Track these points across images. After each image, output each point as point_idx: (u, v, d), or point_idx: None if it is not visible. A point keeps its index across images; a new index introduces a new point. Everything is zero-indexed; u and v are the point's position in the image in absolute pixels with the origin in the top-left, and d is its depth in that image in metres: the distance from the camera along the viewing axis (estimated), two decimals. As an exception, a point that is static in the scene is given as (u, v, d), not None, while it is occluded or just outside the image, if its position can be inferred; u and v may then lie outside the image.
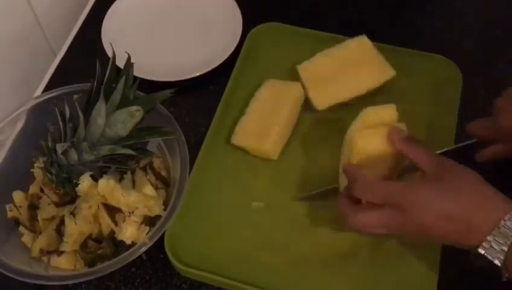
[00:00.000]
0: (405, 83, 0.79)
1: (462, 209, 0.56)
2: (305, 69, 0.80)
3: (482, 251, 0.55)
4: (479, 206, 0.56)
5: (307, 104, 0.79)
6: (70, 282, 0.64)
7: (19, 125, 0.73)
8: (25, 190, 0.72)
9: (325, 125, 0.78)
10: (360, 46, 0.80)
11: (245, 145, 0.76)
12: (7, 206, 0.71)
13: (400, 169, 0.67)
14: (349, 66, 0.78)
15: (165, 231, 0.65)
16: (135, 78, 0.67)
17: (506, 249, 0.54)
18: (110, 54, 0.69)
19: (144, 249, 0.63)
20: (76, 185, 0.66)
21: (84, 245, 0.67)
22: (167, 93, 0.68)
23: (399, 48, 0.83)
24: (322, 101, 0.78)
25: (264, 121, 0.76)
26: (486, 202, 0.57)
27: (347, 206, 0.62)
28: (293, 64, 0.82)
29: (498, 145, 0.70)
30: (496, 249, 0.54)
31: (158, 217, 0.67)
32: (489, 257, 0.55)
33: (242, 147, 0.76)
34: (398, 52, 0.82)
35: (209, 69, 0.83)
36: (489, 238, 0.54)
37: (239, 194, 0.73)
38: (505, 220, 0.54)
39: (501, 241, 0.54)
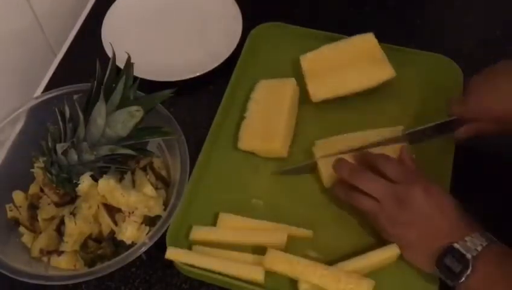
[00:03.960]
0: (405, 82, 0.80)
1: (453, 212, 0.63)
2: (307, 59, 0.80)
3: (456, 245, 0.60)
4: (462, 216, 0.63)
5: (303, 98, 0.80)
6: (70, 282, 0.64)
7: (19, 125, 0.73)
8: (25, 190, 0.72)
9: (324, 119, 0.79)
10: (365, 43, 0.80)
11: (253, 148, 0.76)
12: (7, 206, 0.71)
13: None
14: (351, 62, 0.78)
15: (166, 230, 0.65)
16: (135, 78, 0.67)
17: (480, 247, 0.59)
18: (110, 54, 0.69)
19: (144, 249, 0.63)
20: (76, 185, 0.66)
21: (84, 245, 0.68)
22: (167, 93, 0.68)
23: (399, 47, 0.83)
24: (318, 93, 0.78)
25: (267, 121, 0.76)
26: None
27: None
28: (293, 64, 0.82)
29: (474, 124, 0.70)
30: (471, 245, 0.59)
31: (158, 217, 0.67)
32: (462, 250, 0.59)
33: (250, 150, 0.76)
34: (398, 52, 0.82)
35: (209, 69, 0.83)
36: (467, 237, 0.60)
37: (239, 193, 0.73)
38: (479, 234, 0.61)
39: (477, 241, 0.60)
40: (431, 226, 0.63)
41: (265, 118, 0.76)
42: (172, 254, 0.66)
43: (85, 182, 0.66)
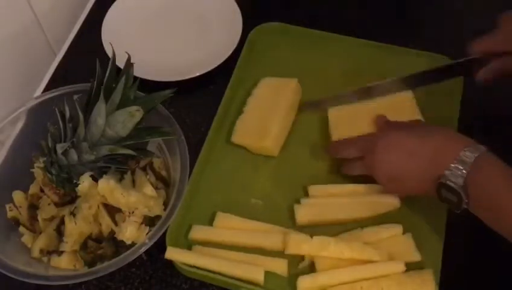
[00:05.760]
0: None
1: (424, 147, 0.63)
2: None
3: (443, 180, 0.59)
4: (440, 144, 0.62)
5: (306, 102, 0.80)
6: (70, 282, 0.64)
7: (19, 125, 0.73)
8: (25, 190, 0.72)
9: (324, 122, 0.78)
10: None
11: (245, 143, 0.76)
12: (7, 206, 0.71)
13: None
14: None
15: (166, 230, 0.65)
16: (135, 78, 0.67)
17: (465, 173, 0.58)
18: (110, 54, 0.69)
19: (143, 249, 0.63)
20: (77, 185, 0.66)
21: (84, 245, 0.68)
22: (167, 93, 0.68)
23: (399, 47, 0.83)
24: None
25: (263, 119, 0.76)
26: (446, 140, 0.62)
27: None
28: (294, 63, 0.82)
29: (498, 61, 0.69)
30: (456, 175, 0.59)
31: (158, 217, 0.67)
32: (450, 183, 0.59)
33: (242, 145, 0.76)
34: (399, 52, 0.82)
35: (209, 69, 0.83)
36: (451, 166, 0.59)
37: (239, 193, 0.73)
38: (464, 151, 0.59)
39: (461, 167, 0.59)
40: (416, 161, 0.63)
41: (261, 115, 0.77)
42: (172, 253, 0.66)
43: (85, 182, 0.66)
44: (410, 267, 0.65)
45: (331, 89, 0.80)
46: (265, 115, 0.76)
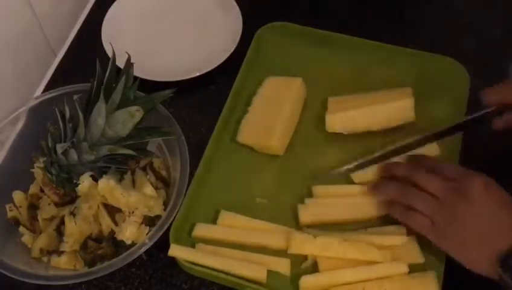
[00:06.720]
0: (408, 84, 0.79)
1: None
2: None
3: None
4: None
5: (309, 103, 0.80)
6: (70, 282, 0.64)
7: (19, 125, 0.73)
8: (25, 190, 0.72)
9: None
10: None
11: (251, 143, 0.76)
12: (7, 206, 0.71)
13: None
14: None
15: (166, 230, 0.65)
16: (135, 78, 0.67)
17: None
18: (110, 54, 0.69)
19: (144, 249, 0.63)
20: (77, 185, 0.66)
21: (84, 245, 0.68)
22: (167, 93, 0.68)
23: (401, 47, 0.82)
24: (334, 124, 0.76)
25: (268, 118, 0.76)
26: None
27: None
28: (299, 62, 0.82)
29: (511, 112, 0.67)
30: None
31: (158, 217, 0.67)
32: None
33: (248, 144, 0.76)
34: (401, 53, 0.82)
35: (209, 69, 0.83)
36: None
37: (244, 192, 0.73)
38: None
39: None
40: (491, 225, 0.60)
41: (266, 114, 0.77)
42: (175, 251, 0.66)
43: (85, 182, 0.66)
44: (414, 269, 0.65)
45: (335, 88, 0.80)
46: (270, 114, 0.76)
